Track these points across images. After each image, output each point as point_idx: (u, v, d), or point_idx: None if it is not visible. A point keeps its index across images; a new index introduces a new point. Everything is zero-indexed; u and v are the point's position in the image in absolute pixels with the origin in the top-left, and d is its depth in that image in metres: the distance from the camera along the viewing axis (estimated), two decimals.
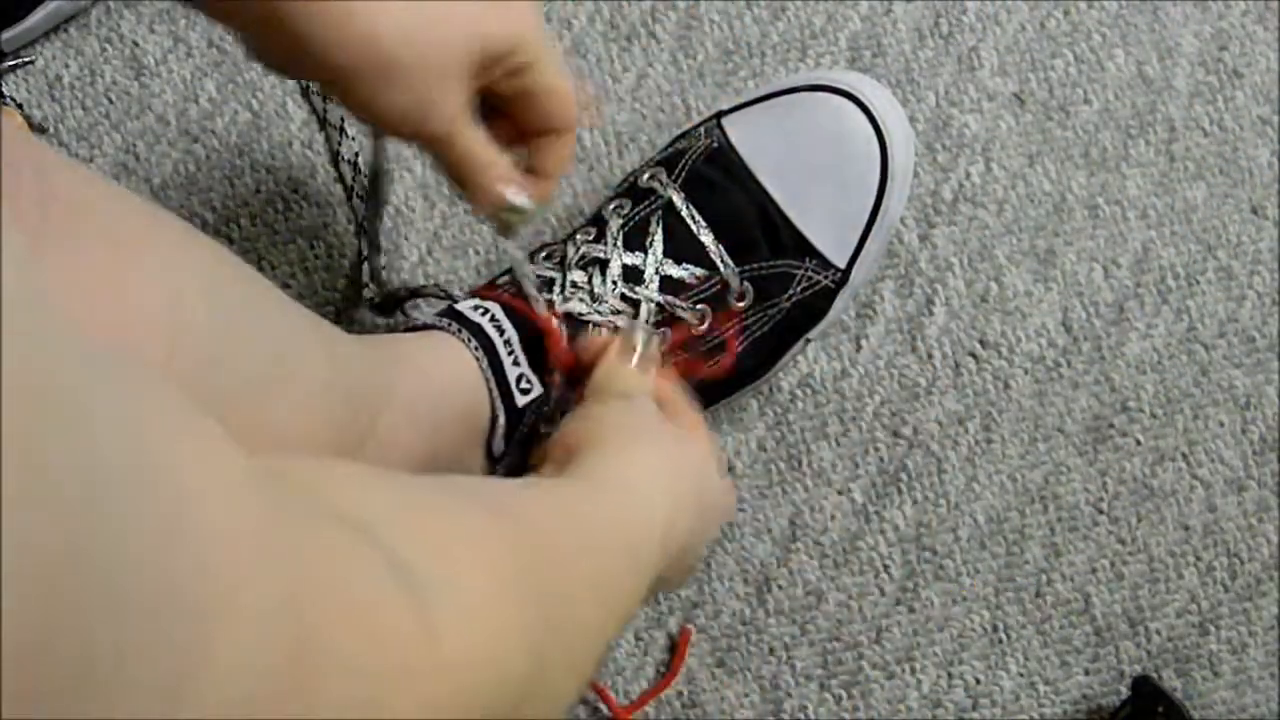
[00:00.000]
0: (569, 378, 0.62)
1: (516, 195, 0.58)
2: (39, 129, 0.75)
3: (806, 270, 0.68)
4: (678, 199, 0.66)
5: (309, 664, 0.27)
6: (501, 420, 0.60)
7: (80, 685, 0.20)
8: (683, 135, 0.71)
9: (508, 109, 0.58)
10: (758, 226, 0.67)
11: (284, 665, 0.26)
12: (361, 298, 0.72)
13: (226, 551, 0.25)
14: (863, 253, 0.69)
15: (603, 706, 0.73)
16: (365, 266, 0.73)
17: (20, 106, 0.75)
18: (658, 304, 0.65)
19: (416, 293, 0.68)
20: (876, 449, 0.76)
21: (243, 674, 0.25)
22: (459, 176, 0.57)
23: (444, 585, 0.33)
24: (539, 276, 0.64)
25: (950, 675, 0.75)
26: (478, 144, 0.56)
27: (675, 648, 0.74)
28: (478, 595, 0.34)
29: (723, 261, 0.66)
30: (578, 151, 0.78)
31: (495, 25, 0.53)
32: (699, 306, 0.65)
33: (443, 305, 0.66)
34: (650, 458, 0.51)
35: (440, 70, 0.52)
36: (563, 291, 0.63)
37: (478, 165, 0.56)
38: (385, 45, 0.50)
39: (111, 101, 0.76)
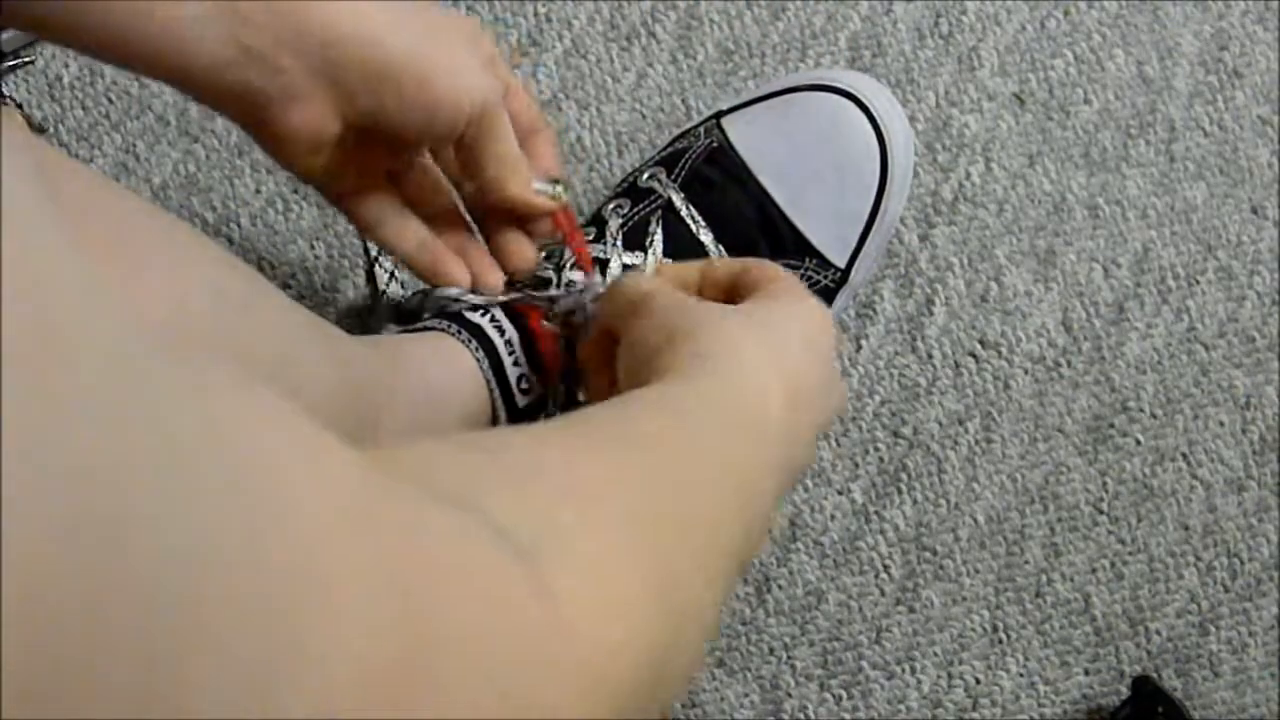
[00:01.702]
0: (564, 377, 0.62)
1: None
2: (39, 129, 0.75)
3: (806, 270, 0.68)
4: (677, 199, 0.66)
5: (422, 644, 0.26)
6: (502, 420, 0.60)
7: (144, 679, 0.20)
8: (682, 135, 0.71)
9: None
10: (757, 226, 0.67)
11: (394, 648, 0.26)
12: (380, 305, 0.72)
13: (321, 536, 0.24)
14: (862, 252, 0.69)
15: None
16: (377, 270, 0.73)
17: (20, 106, 0.75)
18: None
19: (428, 296, 0.68)
20: (876, 449, 0.76)
21: (346, 660, 0.24)
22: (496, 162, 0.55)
23: (555, 549, 0.32)
24: (535, 276, 0.64)
25: (950, 675, 0.75)
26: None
27: None
28: (591, 556, 0.33)
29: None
30: (577, 152, 0.78)
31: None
32: None
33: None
34: (755, 352, 0.46)
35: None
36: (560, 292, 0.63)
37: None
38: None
39: (111, 101, 0.76)
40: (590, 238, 0.66)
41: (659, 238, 0.65)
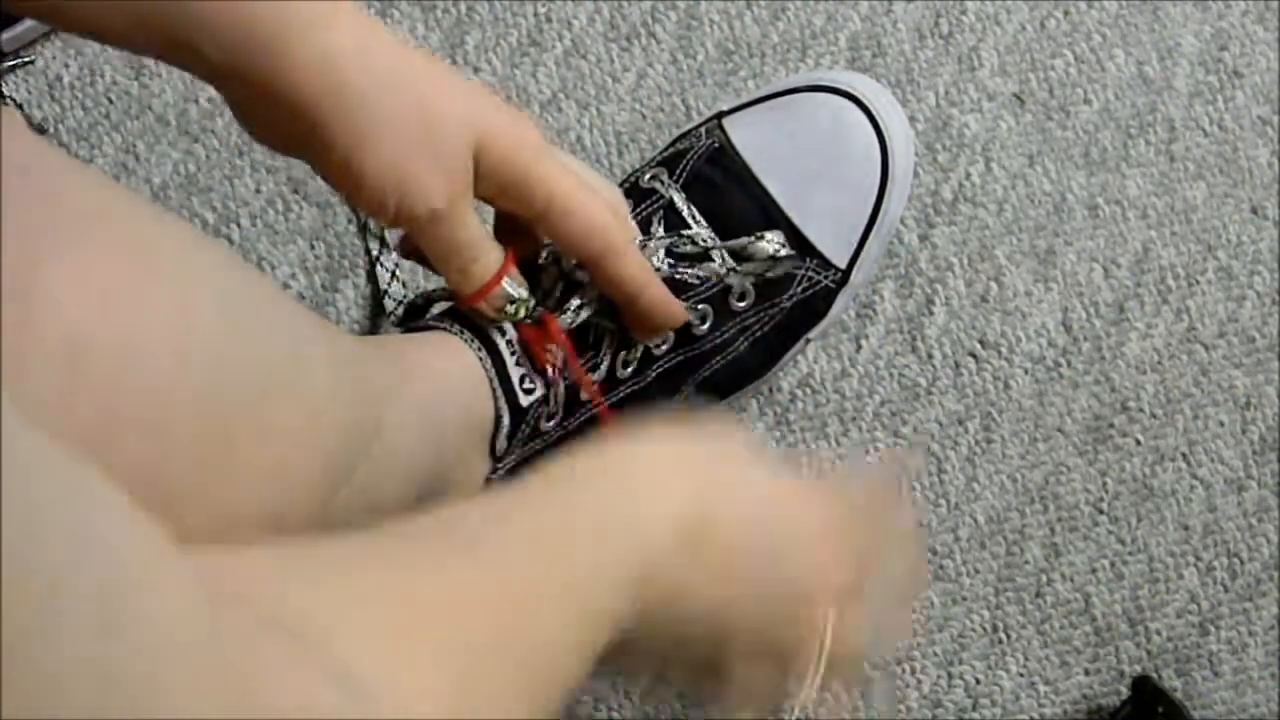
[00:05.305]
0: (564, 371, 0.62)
1: (513, 286, 0.58)
2: (39, 129, 0.74)
3: (807, 270, 0.68)
4: (679, 199, 0.66)
5: None
6: (505, 421, 0.60)
7: None
8: (683, 135, 0.71)
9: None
10: (759, 227, 0.67)
11: None
12: (383, 309, 0.72)
13: (178, 662, 0.25)
14: (863, 253, 0.69)
15: None
16: (378, 269, 0.72)
17: (20, 106, 0.75)
18: None
19: (430, 298, 0.68)
20: (876, 449, 0.76)
21: None
22: (442, 262, 0.56)
23: (385, 690, 0.33)
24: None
25: (950, 675, 0.75)
26: (464, 230, 0.55)
27: None
28: (414, 696, 0.34)
29: (724, 262, 0.66)
30: (577, 152, 0.78)
31: (495, 120, 0.53)
32: (700, 306, 0.65)
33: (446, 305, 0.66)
34: (658, 447, 0.46)
35: (432, 146, 0.51)
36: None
37: (464, 249, 0.55)
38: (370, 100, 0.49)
39: (111, 101, 0.76)
40: None
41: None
